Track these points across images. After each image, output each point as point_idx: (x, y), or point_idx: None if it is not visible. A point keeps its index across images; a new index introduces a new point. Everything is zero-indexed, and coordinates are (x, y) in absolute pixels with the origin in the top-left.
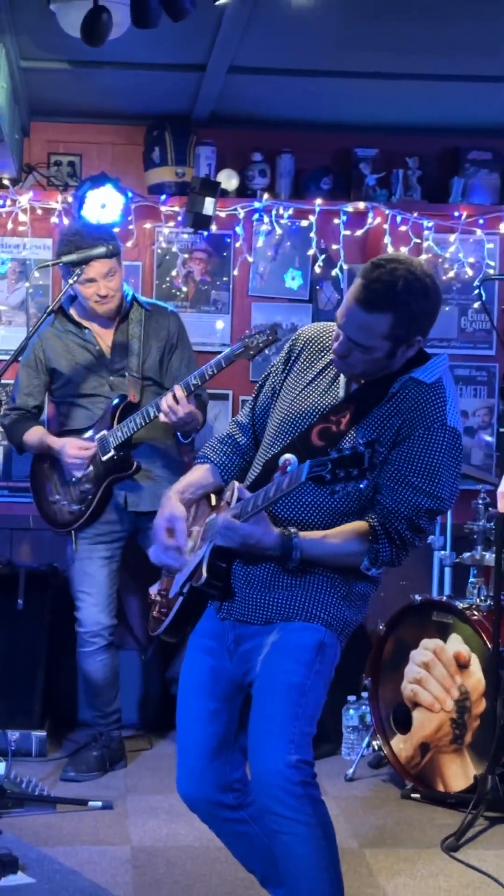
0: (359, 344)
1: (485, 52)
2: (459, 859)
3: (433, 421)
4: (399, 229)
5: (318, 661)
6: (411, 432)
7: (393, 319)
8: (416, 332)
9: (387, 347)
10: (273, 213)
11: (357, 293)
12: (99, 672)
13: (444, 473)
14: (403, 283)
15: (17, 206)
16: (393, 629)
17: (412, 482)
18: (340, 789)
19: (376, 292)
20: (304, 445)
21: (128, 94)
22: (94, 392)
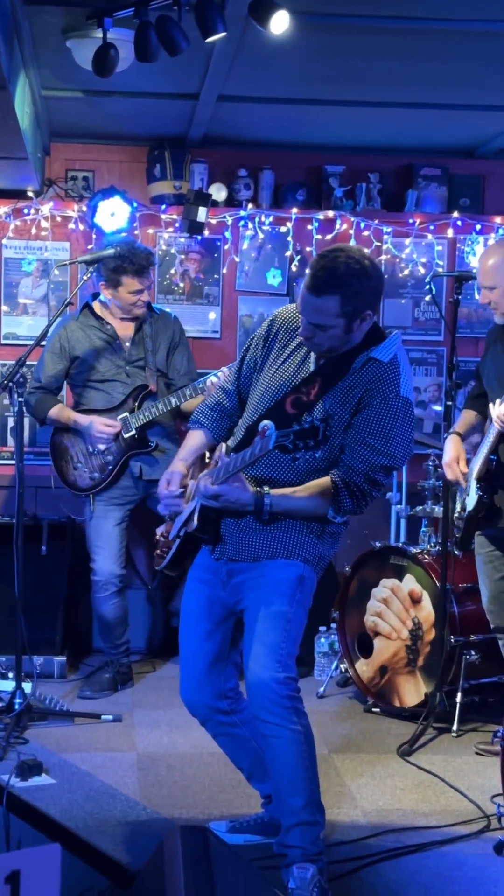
0: (317, 325)
1: (435, 85)
2: (412, 762)
3: (388, 392)
4: (362, 234)
5: (299, 591)
6: (370, 401)
7: (340, 299)
8: (363, 307)
9: (342, 324)
10: (256, 221)
11: (307, 282)
12: (111, 613)
13: (397, 435)
14: (345, 268)
15: (39, 214)
16: (357, 570)
17: (369, 443)
18: (312, 705)
19: (322, 279)
20: (279, 413)
21: (133, 119)
22: (112, 378)
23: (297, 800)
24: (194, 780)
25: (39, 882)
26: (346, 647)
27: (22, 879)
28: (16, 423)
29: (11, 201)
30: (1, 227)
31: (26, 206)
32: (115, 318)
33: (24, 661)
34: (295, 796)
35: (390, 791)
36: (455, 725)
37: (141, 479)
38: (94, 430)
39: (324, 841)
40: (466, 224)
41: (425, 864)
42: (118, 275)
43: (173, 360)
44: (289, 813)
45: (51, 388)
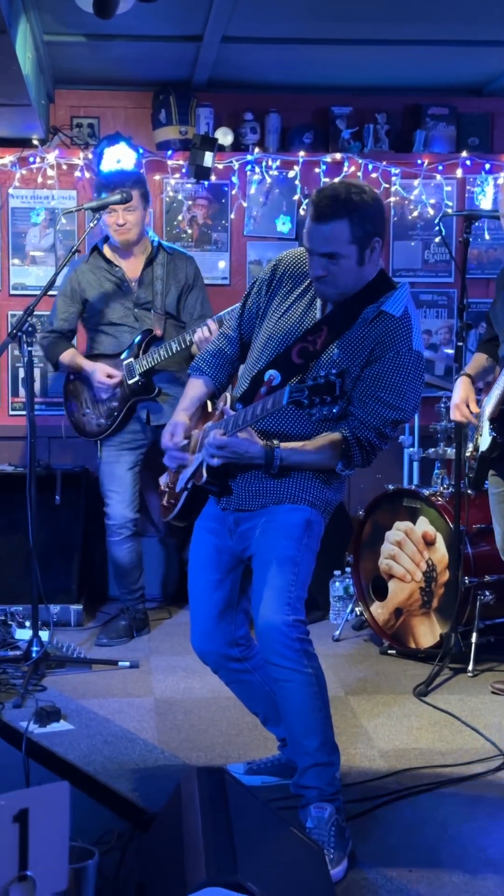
0: (330, 255)
1: (442, 20)
2: (428, 702)
3: (401, 346)
4: (371, 176)
5: (307, 535)
6: (382, 355)
7: (349, 223)
8: (372, 231)
9: (354, 252)
10: (263, 165)
11: (313, 214)
12: (125, 557)
13: (408, 390)
14: (346, 193)
15: (45, 163)
16: (370, 514)
17: (380, 397)
18: (329, 648)
19: (328, 206)
20: (285, 363)
21: (137, 64)
22: (120, 322)
23: (312, 741)
24: (211, 723)
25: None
26: (360, 591)
27: (31, 817)
28: (26, 373)
29: (16, 150)
30: (7, 176)
31: (32, 154)
32: (123, 259)
33: (41, 610)
34: (309, 738)
35: (407, 731)
36: (471, 665)
37: (149, 425)
38: (94, 380)
39: (340, 780)
40: (475, 164)
41: (442, 802)
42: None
43: (186, 303)
44: (304, 754)
45: (63, 331)
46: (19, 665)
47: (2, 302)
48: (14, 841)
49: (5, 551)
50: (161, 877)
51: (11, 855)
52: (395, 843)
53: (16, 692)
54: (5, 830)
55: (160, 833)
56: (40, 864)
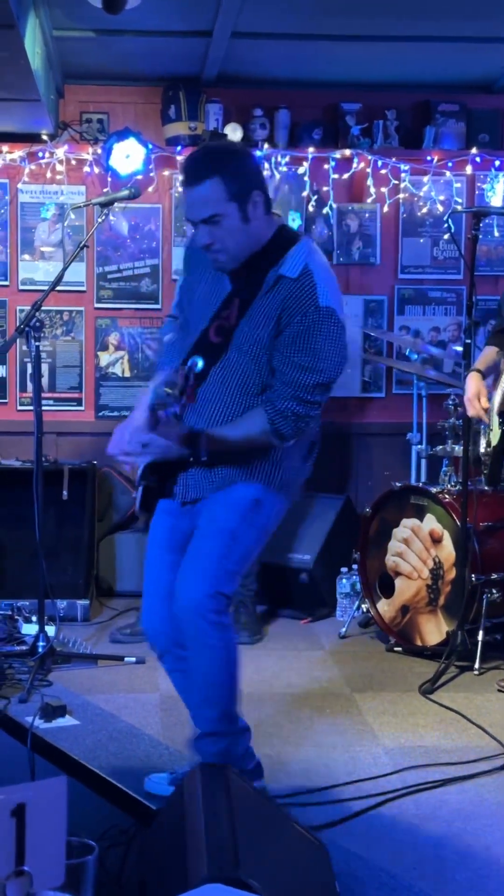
0: (211, 218)
1: (452, 17)
2: (434, 700)
3: (307, 306)
4: (380, 172)
5: (252, 512)
6: (290, 320)
7: (220, 179)
8: (249, 185)
9: (235, 210)
10: (272, 161)
11: (183, 181)
12: None
13: (323, 348)
14: (208, 151)
15: (54, 158)
16: (377, 511)
17: (295, 361)
18: (335, 645)
19: (193, 167)
20: (205, 345)
21: (146, 59)
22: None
23: (208, 711)
24: None
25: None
26: (367, 588)
27: (28, 812)
28: (34, 368)
29: (26, 145)
30: (16, 171)
31: (41, 149)
32: None
33: (48, 605)
34: (205, 707)
35: (412, 728)
36: (477, 663)
37: None
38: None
39: (250, 759)
40: (485, 160)
41: (447, 800)
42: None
43: None
44: (199, 720)
45: (175, 316)
46: (25, 660)
47: (11, 297)
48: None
49: (12, 546)
50: (163, 873)
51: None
52: (400, 840)
53: (21, 687)
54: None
55: (163, 829)
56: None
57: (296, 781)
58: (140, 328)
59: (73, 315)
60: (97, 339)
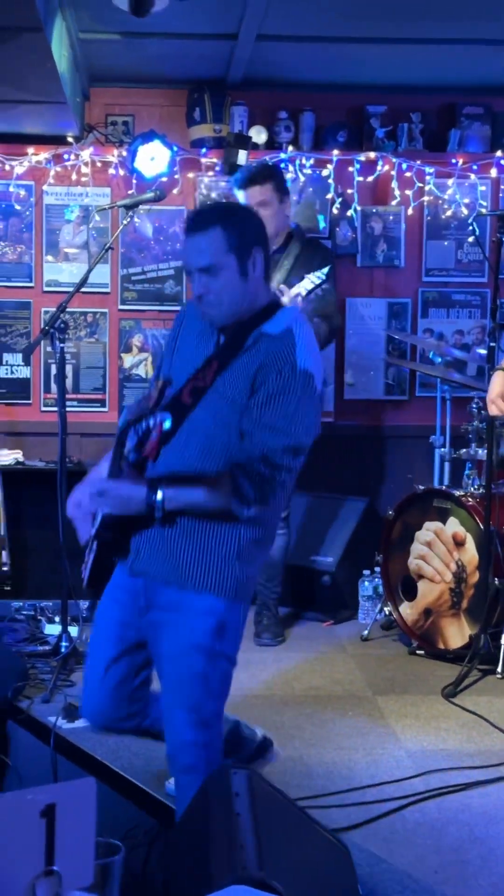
0: (207, 269)
1: (478, 18)
2: (456, 703)
3: (284, 365)
4: (404, 175)
5: (218, 642)
6: (265, 378)
7: (223, 230)
8: (251, 240)
9: (234, 263)
10: (297, 163)
11: (185, 228)
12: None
13: (297, 412)
14: (214, 206)
15: (79, 160)
16: (400, 514)
17: (265, 422)
18: (357, 647)
19: (198, 218)
20: (176, 404)
21: (172, 62)
22: None
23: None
24: None
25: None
26: (389, 590)
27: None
28: (58, 369)
29: (51, 147)
30: (41, 173)
31: (66, 151)
32: None
33: (70, 606)
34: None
35: (434, 732)
36: (500, 667)
37: None
38: None
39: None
40: None
41: (470, 804)
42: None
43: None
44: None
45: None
46: (48, 660)
47: (35, 298)
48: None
49: (36, 546)
50: (187, 874)
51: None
52: (422, 844)
53: (44, 687)
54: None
55: (186, 830)
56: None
57: (318, 783)
58: (164, 330)
59: (97, 317)
60: (121, 340)
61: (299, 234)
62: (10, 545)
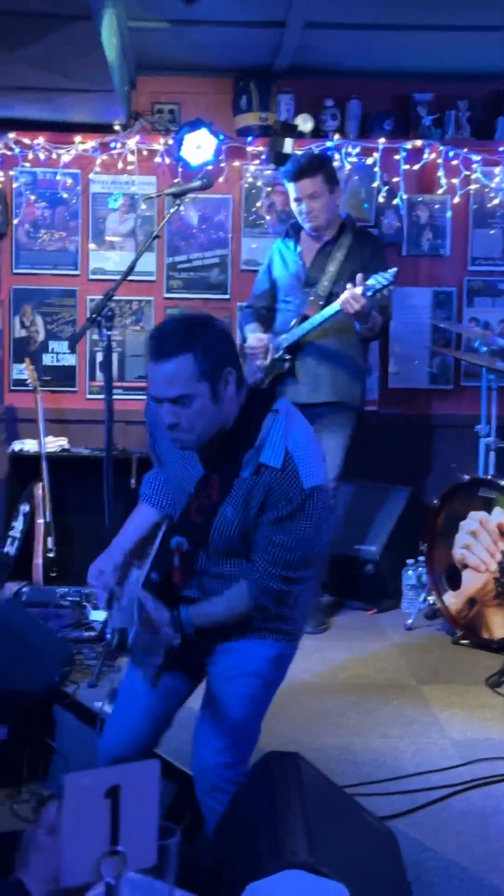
0: (180, 398)
1: None
2: (501, 693)
3: (292, 492)
4: (451, 163)
5: (273, 671)
6: (276, 503)
7: (193, 357)
8: (222, 362)
9: (206, 390)
10: (343, 151)
11: (150, 355)
12: None
13: (306, 529)
14: (181, 325)
15: (126, 149)
16: (445, 503)
17: (275, 540)
18: (401, 637)
19: (162, 341)
20: (187, 525)
21: (219, 50)
22: (289, 300)
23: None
24: (283, 708)
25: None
26: (434, 580)
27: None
28: (104, 357)
29: (98, 135)
30: (88, 161)
31: (113, 140)
32: (307, 237)
33: (116, 592)
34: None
35: (479, 721)
36: None
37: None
38: (246, 346)
39: None
40: None
41: None
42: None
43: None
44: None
45: (255, 307)
46: (94, 646)
47: (81, 286)
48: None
49: (81, 533)
50: (237, 859)
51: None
52: (468, 832)
53: (90, 672)
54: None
55: (236, 816)
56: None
57: (363, 771)
58: None
59: (143, 305)
60: None
61: (351, 224)
62: (56, 532)
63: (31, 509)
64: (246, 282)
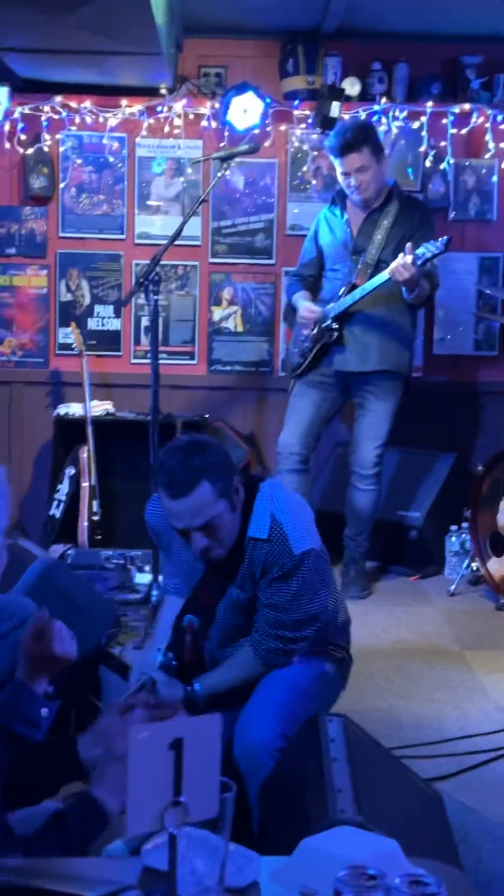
0: (206, 525)
1: None
2: None
3: (283, 559)
4: (499, 127)
5: (320, 681)
6: (270, 570)
7: (208, 483)
8: (230, 475)
9: (225, 506)
10: (390, 115)
11: (167, 493)
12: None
13: (301, 590)
14: (185, 457)
15: (172, 112)
16: (490, 470)
17: (272, 601)
18: (445, 602)
19: (176, 478)
20: (196, 605)
21: (266, 13)
22: (338, 268)
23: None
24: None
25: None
26: (478, 546)
27: (185, 747)
28: (151, 322)
29: (145, 99)
30: (134, 125)
31: (159, 103)
32: (354, 206)
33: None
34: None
35: None
36: None
37: (335, 368)
38: (298, 316)
39: None
40: None
41: None
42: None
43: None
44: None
45: (303, 275)
46: (138, 608)
47: (127, 251)
48: (169, 767)
49: (126, 496)
50: (283, 816)
51: (167, 781)
52: None
53: (136, 634)
54: (161, 757)
55: (282, 774)
56: (193, 791)
57: (408, 734)
58: (254, 283)
59: (188, 269)
60: (211, 293)
61: (398, 191)
62: (101, 495)
63: (76, 472)
64: (291, 247)
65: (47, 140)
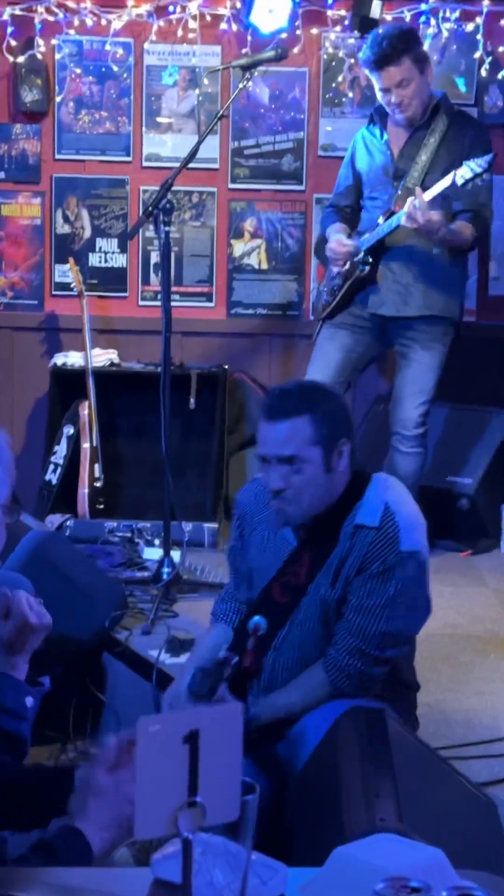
0: (290, 460)
1: None
2: None
3: (388, 554)
4: None
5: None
6: (368, 567)
7: (311, 419)
8: (339, 431)
9: (319, 455)
10: (440, 16)
11: (265, 414)
12: None
13: (399, 593)
14: (300, 389)
15: (186, 13)
16: None
17: (363, 605)
18: (500, 581)
19: (283, 402)
20: (268, 604)
21: None
22: (375, 195)
23: None
24: None
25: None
26: None
27: (202, 740)
28: (162, 257)
29: None
30: (142, 28)
31: (171, 3)
32: (394, 126)
33: (173, 528)
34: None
35: None
36: None
37: (368, 310)
38: (327, 250)
39: None
40: None
41: None
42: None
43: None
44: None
45: (338, 205)
46: (147, 588)
47: (133, 174)
48: (184, 764)
49: (133, 459)
50: (315, 821)
51: (181, 779)
52: None
53: (144, 618)
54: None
55: (314, 775)
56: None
57: (457, 732)
58: (280, 213)
59: (204, 197)
60: (231, 225)
61: (447, 106)
62: (104, 458)
63: (75, 432)
64: (323, 170)
65: (41, 46)
